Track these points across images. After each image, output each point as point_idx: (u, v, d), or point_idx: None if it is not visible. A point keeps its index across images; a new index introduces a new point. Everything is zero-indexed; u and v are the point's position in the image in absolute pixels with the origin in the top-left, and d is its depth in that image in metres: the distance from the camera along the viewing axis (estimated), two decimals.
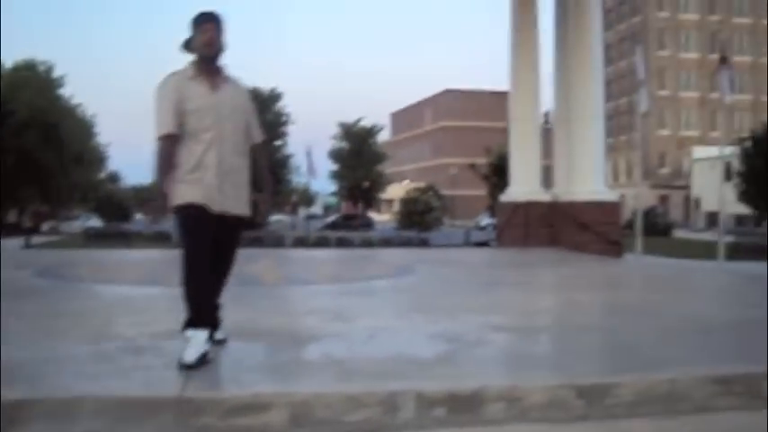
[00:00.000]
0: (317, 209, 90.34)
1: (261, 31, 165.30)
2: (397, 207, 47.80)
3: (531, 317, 6.83)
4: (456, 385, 4.07)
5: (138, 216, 70.32)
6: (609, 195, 16.26)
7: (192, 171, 4.51)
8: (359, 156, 65.65)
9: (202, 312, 4.52)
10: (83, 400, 3.81)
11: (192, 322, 4.49)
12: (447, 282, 10.35)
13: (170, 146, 4.51)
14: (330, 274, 11.30)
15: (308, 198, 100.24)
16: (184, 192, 4.51)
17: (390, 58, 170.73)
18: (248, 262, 14.09)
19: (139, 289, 8.88)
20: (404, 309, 7.24)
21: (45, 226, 44.78)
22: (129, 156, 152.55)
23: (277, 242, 25.70)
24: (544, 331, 6.05)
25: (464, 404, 3.96)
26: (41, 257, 14.22)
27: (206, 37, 4.57)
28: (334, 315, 6.47)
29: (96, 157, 57.54)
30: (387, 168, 78.44)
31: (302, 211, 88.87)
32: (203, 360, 4.38)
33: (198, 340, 4.42)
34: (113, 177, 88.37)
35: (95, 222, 44.74)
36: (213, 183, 4.54)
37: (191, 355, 4.34)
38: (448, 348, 5.02)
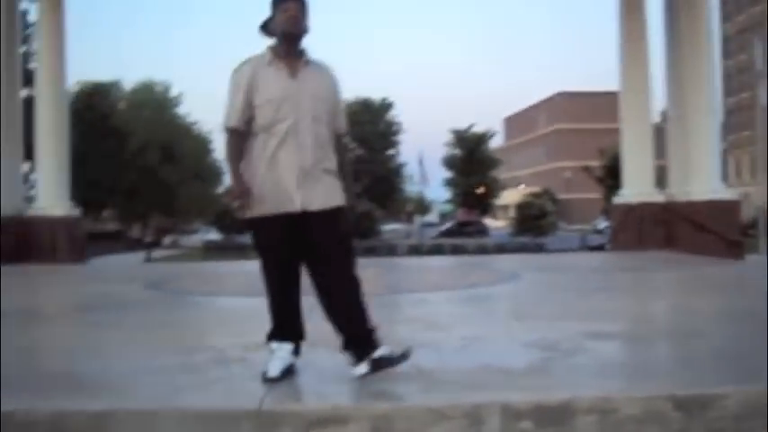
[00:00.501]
0: (433, 217, 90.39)
1: (374, 40, 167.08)
2: (511, 213, 47.21)
3: (635, 323, 6.52)
4: (545, 396, 3.88)
5: None
6: (727, 193, 15.48)
7: (265, 170, 4.18)
8: (472, 162, 65.27)
9: (284, 326, 4.36)
10: (163, 412, 3.82)
11: (275, 335, 4.40)
12: (552, 287, 10.08)
13: (235, 140, 4.25)
14: (434, 282, 11.14)
15: (423, 206, 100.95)
16: (253, 204, 4.20)
17: (503, 62, 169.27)
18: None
19: (242, 300, 8.95)
20: (501, 316, 7.04)
21: (166, 240, 46.45)
22: None
23: (390, 251, 25.86)
24: (648, 339, 5.73)
25: (552, 416, 3.76)
26: (158, 270, 14.67)
27: (288, 14, 4.20)
28: (427, 324, 6.33)
29: (213, 173, 59.25)
30: (501, 174, 77.76)
31: (418, 219, 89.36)
32: (287, 372, 4.29)
33: (282, 353, 4.32)
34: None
35: (214, 235, 45.97)
36: (289, 180, 4.17)
37: (274, 369, 4.26)
38: (541, 357, 4.81)
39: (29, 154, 20.25)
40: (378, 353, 4.24)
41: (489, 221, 65.13)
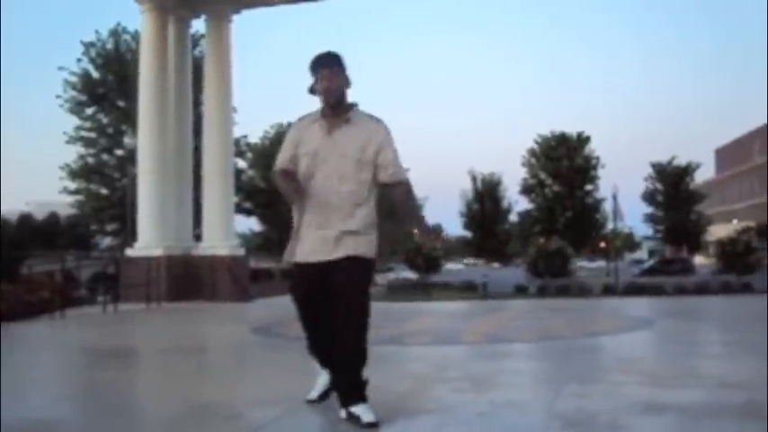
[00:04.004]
0: (642, 254, 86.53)
1: (571, 76, 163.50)
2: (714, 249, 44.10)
3: (723, 392, 5.32)
4: None
5: (448, 266, 72.38)
6: None
7: (295, 225, 4.52)
8: (675, 196, 61.75)
9: (319, 358, 4.67)
10: None
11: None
12: (669, 340, 9.20)
13: (284, 177, 4.46)
14: (546, 330, 10.28)
15: (630, 243, 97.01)
16: (287, 250, 4.60)
17: (708, 92, 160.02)
18: (475, 316, 13.80)
19: None
20: (563, 376, 6.09)
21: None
22: (444, 207, 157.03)
23: (582, 292, 24.64)
24: (718, 415, 4.62)
25: None
26: None
27: (322, 85, 4.41)
28: (470, 382, 5.60)
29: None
30: (713, 208, 73.12)
31: (627, 257, 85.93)
32: (325, 397, 4.60)
33: (321, 380, 4.66)
34: (435, 229, 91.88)
35: (408, 274, 46.17)
36: (304, 235, 4.47)
37: (314, 392, 4.66)
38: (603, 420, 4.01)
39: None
40: (354, 409, 4.22)
41: (698, 259, 61.23)
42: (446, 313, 14.44)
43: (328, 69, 4.40)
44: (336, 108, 4.45)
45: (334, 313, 4.35)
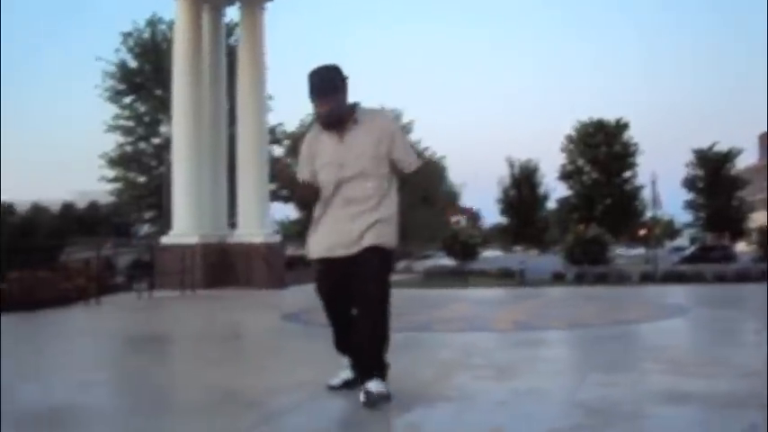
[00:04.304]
0: (683, 241, 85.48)
1: (606, 63, 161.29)
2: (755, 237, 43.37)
3: (751, 380, 5.22)
4: None
5: (486, 254, 72.01)
6: None
7: (315, 224, 4.65)
8: (716, 183, 60.80)
9: (347, 354, 4.70)
10: None
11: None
12: (703, 328, 9.04)
13: (308, 186, 4.67)
14: (576, 318, 10.17)
15: (671, 230, 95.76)
16: (308, 246, 4.73)
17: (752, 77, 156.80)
18: (509, 303, 13.73)
19: None
20: (590, 364, 6.01)
21: (401, 265, 47.10)
22: (481, 195, 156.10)
23: (620, 279, 24.43)
24: (744, 404, 4.53)
25: None
26: None
27: (319, 111, 4.51)
28: (493, 369, 5.55)
29: (444, 198, 59.67)
30: (755, 194, 71.82)
31: (668, 244, 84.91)
32: (347, 385, 4.61)
33: (345, 374, 4.70)
34: (474, 216, 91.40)
35: (446, 261, 46.01)
36: (326, 231, 4.58)
37: (336, 380, 4.72)
38: (572, 424, 3.95)
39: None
40: (368, 384, 4.24)
41: (740, 246, 60.24)
42: (480, 300, 14.38)
43: (321, 98, 4.44)
44: (340, 122, 4.52)
45: (355, 300, 4.43)
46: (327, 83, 4.45)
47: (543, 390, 4.88)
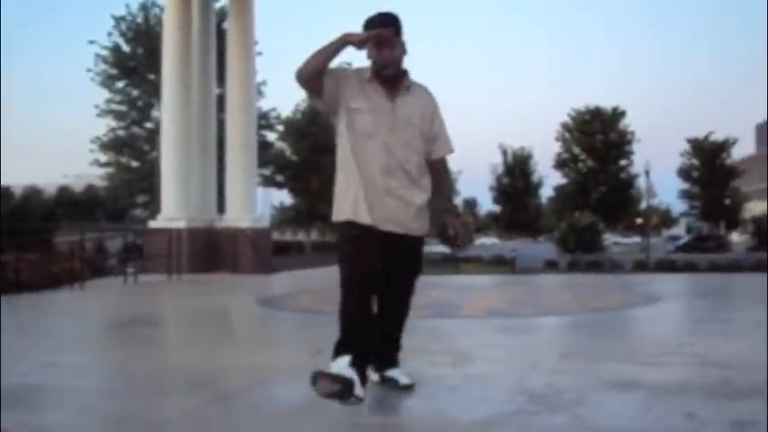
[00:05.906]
0: (680, 230, 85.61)
1: (599, 50, 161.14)
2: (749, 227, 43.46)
3: (704, 369, 5.22)
4: None
5: (482, 240, 72.10)
6: None
7: (345, 183, 4.07)
8: (712, 172, 60.73)
9: (348, 337, 3.86)
10: None
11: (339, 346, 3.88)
12: (670, 317, 9.09)
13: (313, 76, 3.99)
14: (550, 306, 10.20)
15: (667, 219, 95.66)
16: (338, 207, 4.09)
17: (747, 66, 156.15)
18: (491, 289, 13.75)
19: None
20: (543, 352, 5.98)
21: None
22: (474, 182, 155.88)
23: (614, 267, 24.56)
24: (690, 391, 4.57)
25: None
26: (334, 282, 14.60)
27: (382, 56, 4.02)
28: (454, 357, 5.59)
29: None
30: (752, 184, 71.78)
31: (665, 233, 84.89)
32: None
33: (338, 366, 3.74)
34: (470, 203, 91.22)
35: (440, 248, 45.97)
36: (369, 197, 4.01)
37: (358, 390, 3.77)
38: (515, 410, 3.98)
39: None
40: (390, 373, 4.36)
41: (735, 236, 60.32)
42: (461, 287, 14.37)
43: (386, 41, 4.01)
44: (393, 79, 4.12)
45: (391, 285, 4.15)
46: (396, 24, 4.08)
47: (493, 376, 4.92)
